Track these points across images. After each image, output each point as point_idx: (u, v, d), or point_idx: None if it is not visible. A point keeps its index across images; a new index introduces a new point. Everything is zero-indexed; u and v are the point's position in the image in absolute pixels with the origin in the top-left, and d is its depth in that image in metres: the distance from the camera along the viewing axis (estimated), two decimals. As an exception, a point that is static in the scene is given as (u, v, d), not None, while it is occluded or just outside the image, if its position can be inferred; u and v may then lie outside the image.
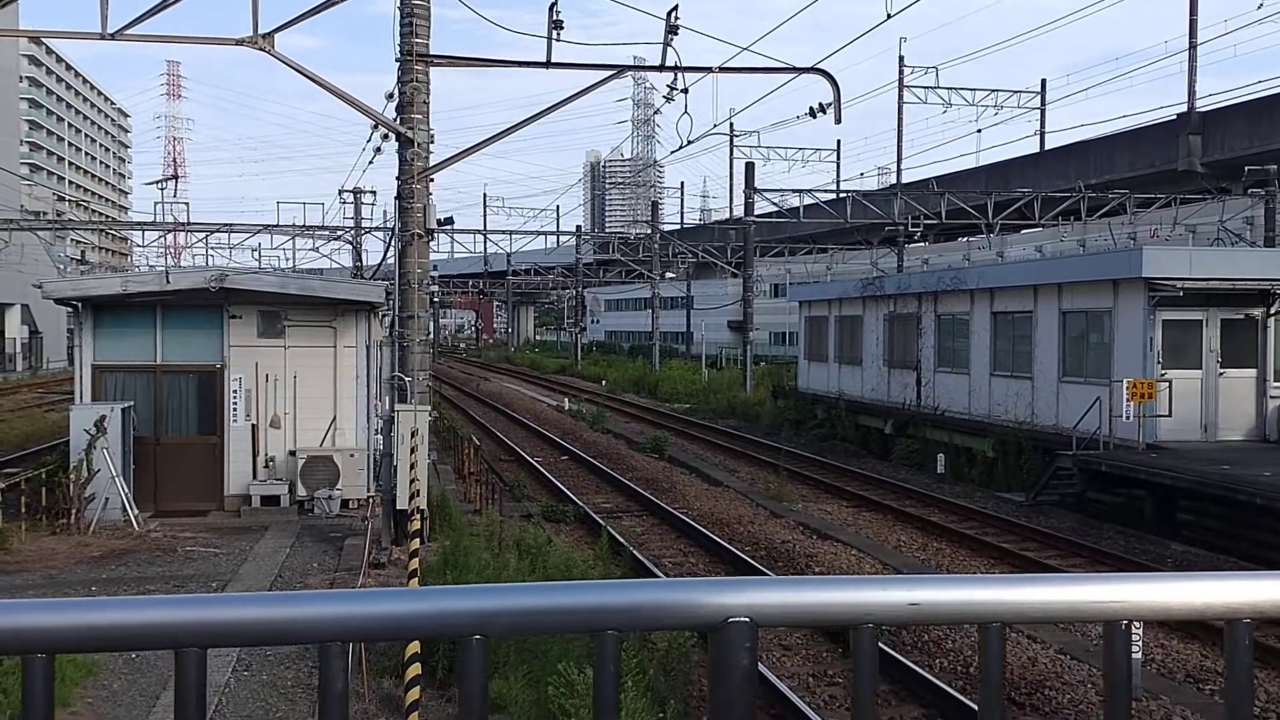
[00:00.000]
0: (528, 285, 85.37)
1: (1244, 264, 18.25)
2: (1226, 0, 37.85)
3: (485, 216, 72.84)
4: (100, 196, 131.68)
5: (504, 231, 63.59)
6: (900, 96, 54.61)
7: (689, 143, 17.46)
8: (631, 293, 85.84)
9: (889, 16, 15.29)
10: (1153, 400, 16.65)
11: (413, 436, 13.66)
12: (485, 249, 65.21)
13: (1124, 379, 16.91)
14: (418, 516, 11.57)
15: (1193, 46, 38.55)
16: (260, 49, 14.03)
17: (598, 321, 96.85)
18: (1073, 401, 18.65)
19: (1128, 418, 16.63)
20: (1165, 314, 17.37)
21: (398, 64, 14.44)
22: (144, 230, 54.61)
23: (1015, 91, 55.74)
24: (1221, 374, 17.67)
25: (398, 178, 14.65)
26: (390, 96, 15.44)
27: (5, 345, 63.17)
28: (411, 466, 13.41)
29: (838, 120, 16.65)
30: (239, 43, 14.25)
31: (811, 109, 16.93)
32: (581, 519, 17.39)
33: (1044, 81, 55.58)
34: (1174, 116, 40.04)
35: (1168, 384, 16.98)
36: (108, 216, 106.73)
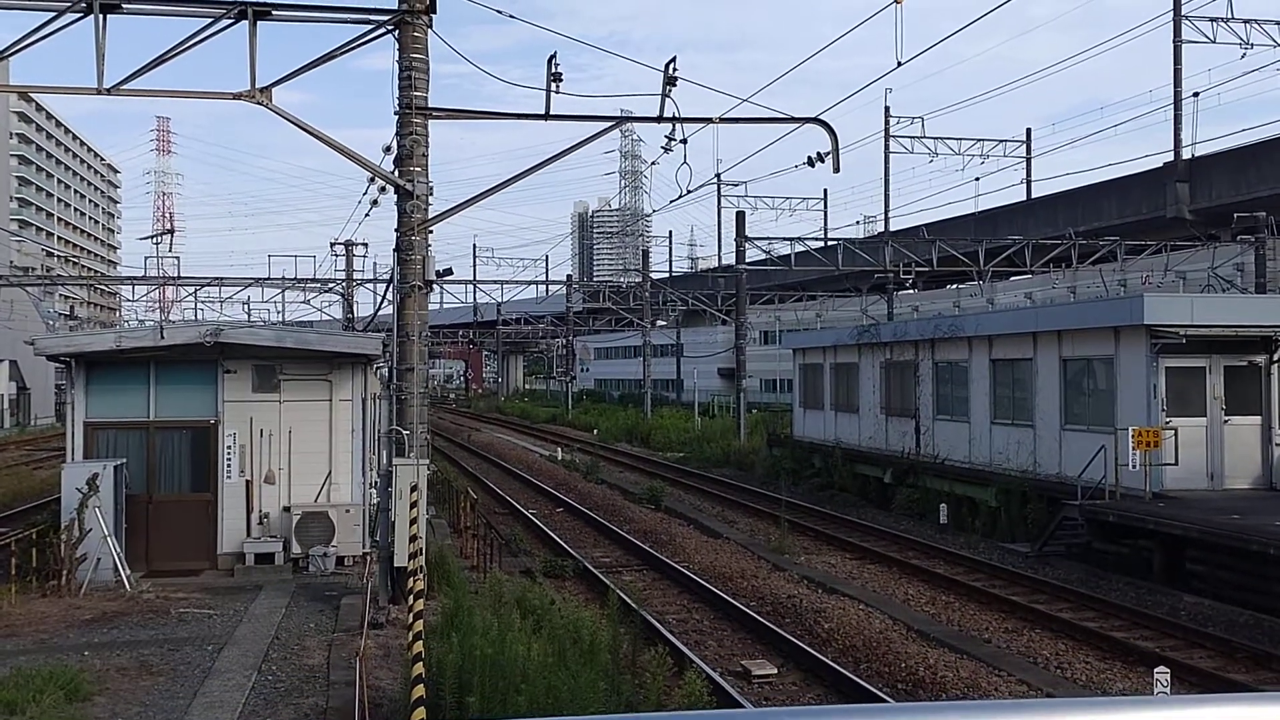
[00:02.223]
0: (517, 334, 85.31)
1: (1246, 310, 18.19)
2: (1211, 50, 38.33)
3: (475, 267, 72.99)
4: (89, 252, 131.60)
5: (495, 281, 63.77)
6: (887, 146, 55.10)
7: (688, 192, 17.46)
8: (621, 340, 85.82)
9: (899, 64, 15.39)
10: (1158, 449, 16.51)
11: (412, 492, 13.39)
12: (475, 299, 65.29)
13: (1129, 427, 16.78)
14: (420, 575, 11.29)
15: (1179, 99, 38.96)
16: (259, 103, 13.95)
17: (587, 369, 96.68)
18: (1075, 450, 18.48)
19: (1134, 466, 16.47)
20: (1168, 361, 17.27)
21: (396, 117, 14.37)
22: (134, 285, 54.44)
23: (1001, 141, 56.40)
24: (1226, 421, 17.54)
25: (396, 230, 14.52)
26: (388, 149, 15.33)
27: (-8, 401, 62.55)
28: (412, 522, 13.13)
29: (836, 169, 16.65)
30: (236, 97, 14.16)
31: (810, 158, 16.95)
32: (581, 574, 17.10)
33: (1029, 131, 56.13)
34: (1161, 164, 40.41)
35: (1173, 432, 16.84)
36: (97, 272, 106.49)
